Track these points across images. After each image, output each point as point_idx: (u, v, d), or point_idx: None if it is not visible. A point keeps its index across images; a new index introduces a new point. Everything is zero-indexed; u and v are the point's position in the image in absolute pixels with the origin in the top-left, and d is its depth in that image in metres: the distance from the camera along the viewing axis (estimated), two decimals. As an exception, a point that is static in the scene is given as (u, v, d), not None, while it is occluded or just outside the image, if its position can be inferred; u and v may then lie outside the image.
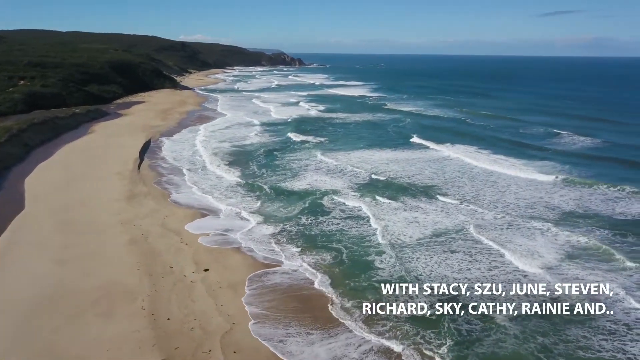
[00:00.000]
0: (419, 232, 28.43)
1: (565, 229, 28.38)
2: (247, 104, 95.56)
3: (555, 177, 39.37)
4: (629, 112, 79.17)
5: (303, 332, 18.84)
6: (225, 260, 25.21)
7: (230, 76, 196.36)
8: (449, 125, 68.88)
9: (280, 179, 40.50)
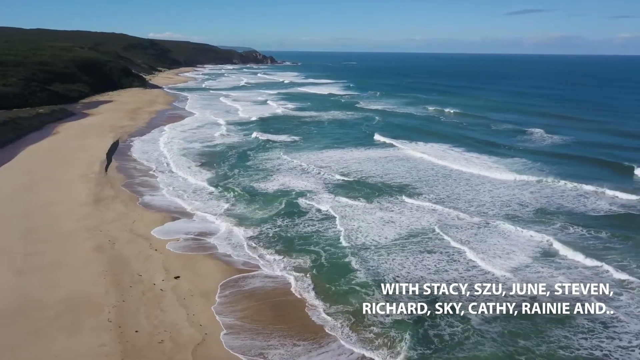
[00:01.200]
0: (395, 233, 28.11)
1: (539, 227, 28.48)
2: (218, 103, 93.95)
3: (527, 175, 39.69)
4: (597, 109, 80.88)
5: (288, 344, 17.98)
6: (197, 267, 24.31)
7: (201, 74, 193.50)
8: (422, 123, 69.12)
9: (252, 180, 39.68)
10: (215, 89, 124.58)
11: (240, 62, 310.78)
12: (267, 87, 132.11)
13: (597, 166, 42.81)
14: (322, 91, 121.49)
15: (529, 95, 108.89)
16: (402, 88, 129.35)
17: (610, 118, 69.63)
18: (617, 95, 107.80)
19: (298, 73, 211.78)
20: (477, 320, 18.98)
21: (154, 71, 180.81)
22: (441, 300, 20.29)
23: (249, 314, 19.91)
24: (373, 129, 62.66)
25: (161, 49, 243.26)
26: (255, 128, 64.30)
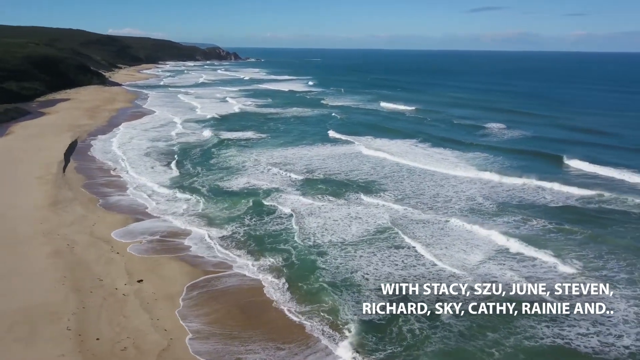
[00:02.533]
0: (362, 229, 28.15)
1: (503, 221, 29.05)
2: (179, 100, 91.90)
3: (489, 170, 40.45)
4: (552, 105, 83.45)
5: (270, 347, 17.50)
6: (162, 269, 23.67)
7: (163, 71, 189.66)
8: (386, 119, 69.65)
9: (217, 179, 39.04)
10: (177, 86, 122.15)
11: (204, 58, 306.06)
12: (231, 84, 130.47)
13: (555, 161, 43.76)
14: (286, 88, 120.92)
15: (489, 91, 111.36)
16: (366, 84, 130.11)
17: (563, 113, 71.29)
18: (571, 91, 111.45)
19: (262, 70, 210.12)
20: (446, 315, 19.15)
21: (113, 68, 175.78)
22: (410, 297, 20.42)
23: (217, 317, 19.46)
24: (338, 126, 62.62)
25: (121, 46, 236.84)
26: (218, 126, 63.39)
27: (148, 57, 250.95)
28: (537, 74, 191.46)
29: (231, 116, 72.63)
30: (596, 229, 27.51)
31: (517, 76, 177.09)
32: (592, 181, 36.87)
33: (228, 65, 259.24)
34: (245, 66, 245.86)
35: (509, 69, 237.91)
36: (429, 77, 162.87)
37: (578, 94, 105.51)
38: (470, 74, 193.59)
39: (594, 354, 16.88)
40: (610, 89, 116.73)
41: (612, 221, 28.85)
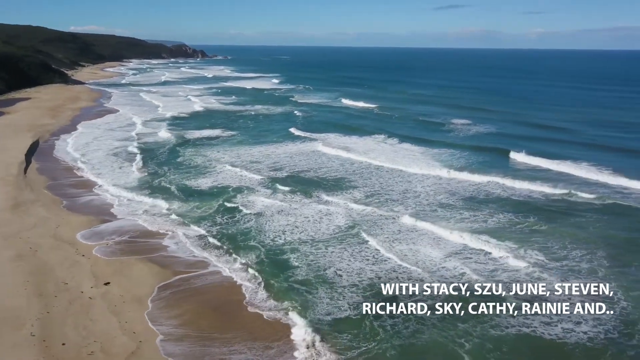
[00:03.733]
0: (332, 226, 28.29)
1: (472, 215, 29.68)
2: (144, 99, 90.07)
3: (456, 165, 41.34)
4: (517, 102, 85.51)
5: (257, 347, 17.37)
6: (130, 271, 23.23)
7: (128, 69, 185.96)
8: (355, 116, 70.10)
9: (185, 177, 38.56)
10: (141, 85, 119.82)
11: (170, 56, 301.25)
12: (197, 82, 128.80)
13: (514, 156, 43.81)
14: (254, 85, 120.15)
15: (453, 88, 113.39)
16: (334, 82, 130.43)
17: (525, 110, 72.78)
18: (532, 88, 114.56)
19: (229, 67, 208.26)
20: (422, 307, 19.43)
21: (76, 66, 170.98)
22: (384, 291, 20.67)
23: (189, 318, 19.22)
24: (306, 124, 62.67)
25: (84, 43, 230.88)
26: (184, 125, 62.61)
27: (112, 55, 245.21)
28: (500, 71, 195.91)
29: (197, 114, 71.83)
30: (558, 222, 28.41)
31: (480, 73, 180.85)
32: (550, 176, 37.95)
33: (195, 63, 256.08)
34: (213, 64, 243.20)
35: (472, 66, 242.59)
36: (395, 75, 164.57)
37: (539, 90, 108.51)
38: (436, 70, 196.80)
39: (557, 340, 17.49)
40: (570, 86, 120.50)
41: (572, 215, 29.83)
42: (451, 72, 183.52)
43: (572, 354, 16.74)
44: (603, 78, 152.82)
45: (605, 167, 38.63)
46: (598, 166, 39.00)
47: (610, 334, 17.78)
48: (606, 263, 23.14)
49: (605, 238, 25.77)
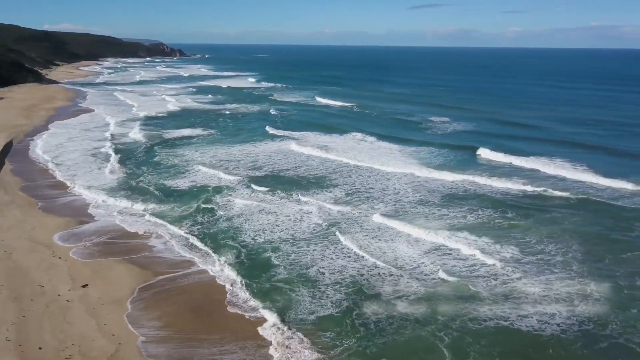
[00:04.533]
0: (313, 224, 28.37)
1: (451, 212, 30.05)
2: (120, 99, 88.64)
3: (434, 163, 41.83)
4: (494, 100, 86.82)
5: (226, 349, 17.26)
6: (108, 273, 22.93)
7: (103, 68, 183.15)
8: (335, 115, 70.28)
9: (163, 177, 38.20)
10: (117, 84, 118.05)
11: (147, 55, 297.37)
12: (175, 81, 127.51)
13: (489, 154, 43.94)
14: (232, 84, 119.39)
15: (431, 86, 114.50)
16: (313, 81, 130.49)
17: (501, 108, 73.85)
18: (508, 86, 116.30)
19: (207, 66, 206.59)
20: (402, 304, 19.77)
21: (51, 65, 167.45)
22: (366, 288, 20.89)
23: (169, 319, 19.08)
24: (285, 123, 62.63)
25: (58, 42, 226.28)
26: (169, 124, 61.98)
27: (88, 54, 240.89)
28: (477, 70, 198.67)
29: (173, 114, 71.12)
30: (534, 218, 28.96)
31: (458, 72, 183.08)
32: (526, 174, 38.65)
33: (172, 62, 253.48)
34: (190, 63, 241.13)
35: (450, 65, 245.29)
36: (373, 73, 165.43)
37: (517, 89, 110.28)
38: (414, 69, 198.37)
39: (533, 331, 17.88)
40: (546, 84, 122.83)
41: (547, 211, 30.43)
42: (428, 71, 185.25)
43: (547, 345, 17.13)
44: (577, 76, 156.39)
45: (580, 164, 39.52)
46: (572, 163, 39.88)
47: (584, 325, 18.25)
48: (580, 257, 23.71)
49: (580, 233, 26.38)
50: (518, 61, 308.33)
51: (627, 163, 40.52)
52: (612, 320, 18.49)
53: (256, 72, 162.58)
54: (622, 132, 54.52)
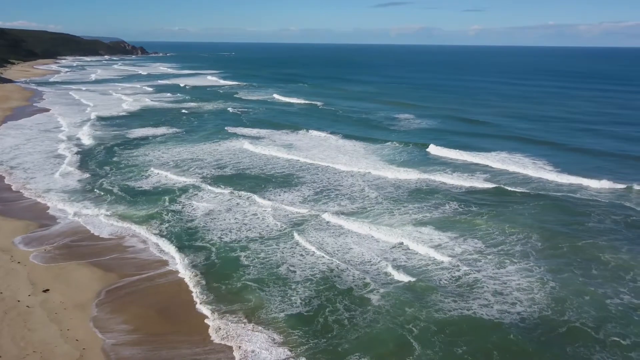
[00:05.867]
0: (280, 223, 28.37)
1: (416, 206, 30.62)
2: (76, 97, 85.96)
3: (398, 160, 42.50)
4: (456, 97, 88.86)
5: (193, 351, 17.06)
6: (71, 276, 22.35)
7: (61, 67, 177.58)
8: (300, 113, 70.38)
9: (126, 178, 37.49)
10: (74, 83, 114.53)
11: (107, 53, 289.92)
12: (133, 80, 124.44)
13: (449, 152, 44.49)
14: (197, 83, 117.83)
15: (397, 83, 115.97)
16: (279, 79, 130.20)
17: (463, 106, 74.95)
18: (470, 84, 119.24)
19: (170, 64, 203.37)
20: (375, 297, 20.10)
21: (5, 64, 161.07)
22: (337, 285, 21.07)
23: (135, 322, 18.77)
24: (250, 121, 62.34)
25: (13, 40, 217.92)
26: (123, 123, 60.80)
27: (45, 52, 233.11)
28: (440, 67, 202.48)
29: (135, 113, 69.61)
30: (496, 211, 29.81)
31: (422, 69, 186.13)
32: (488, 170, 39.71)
33: (132, 60, 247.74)
34: (152, 61, 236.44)
35: (414, 62, 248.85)
36: (340, 71, 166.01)
37: (477, 85, 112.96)
38: (379, 67, 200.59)
39: (494, 320, 18.49)
40: (504, 81, 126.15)
41: (508, 205, 31.36)
42: (393, 69, 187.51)
43: (508, 332, 17.73)
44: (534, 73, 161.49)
45: (539, 159, 40.81)
46: (532, 159, 41.18)
47: (544, 312, 18.96)
48: (540, 246, 24.61)
49: (538, 225, 27.28)
50: (479, 59, 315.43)
51: (579, 159, 41.81)
52: (569, 306, 19.29)
53: (220, 70, 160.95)
54: (574, 128, 56.29)
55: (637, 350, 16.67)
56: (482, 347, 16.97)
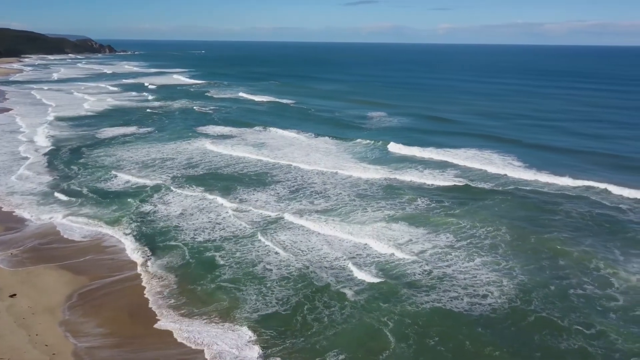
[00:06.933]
0: (254, 222, 28.33)
1: (389, 203, 30.98)
2: (38, 97, 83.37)
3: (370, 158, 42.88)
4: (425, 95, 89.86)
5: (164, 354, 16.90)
6: (39, 280, 21.85)
7: (25, 66, 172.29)
8: (271, 111, 70.23)
9: (94, 179, 36.79)
10: (38, 82, 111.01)
11: (74, 51, 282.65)
12: (103, 79, 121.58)
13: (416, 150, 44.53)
14: (165, 82, 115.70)
15: (368, 82, 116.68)
16: (251, 77, 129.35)
17: (431, 104, 75.41)
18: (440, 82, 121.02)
19: (140, 63, 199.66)
20: (351, 292, 20.31)
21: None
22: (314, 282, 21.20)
23: (106, 326, 18.51)
24: (221, 120, 61.92)
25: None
26: (88, 123, 59.56)
27: (8, 51, 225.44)
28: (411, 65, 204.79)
29: (102, 113, 68.04)
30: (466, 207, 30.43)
31: (392, 67, 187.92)
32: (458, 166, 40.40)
33: (99, 58, 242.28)
34: (119, 59, 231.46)
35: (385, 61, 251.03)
36: (312, 70, 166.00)
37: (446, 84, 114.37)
38: (350, 65, 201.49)
39: (464, 311, 18.98)
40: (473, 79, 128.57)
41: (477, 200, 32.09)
42: (365, 67, 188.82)
43: (477, 322, 18.26)
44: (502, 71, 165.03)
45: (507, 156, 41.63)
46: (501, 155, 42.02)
47: (513, 302, 19.52)
48: (509, 238, 25.27)
49: (507, 218, 28.00)
50: (449, 57, 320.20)
51: (546, 156, 42.57)
52: (536, 297, 19.92)
53: (190, 69, 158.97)
54: (541, 126, 57.42)
55: (600, 339, 17.35)
56: (454, 338, 17.40)
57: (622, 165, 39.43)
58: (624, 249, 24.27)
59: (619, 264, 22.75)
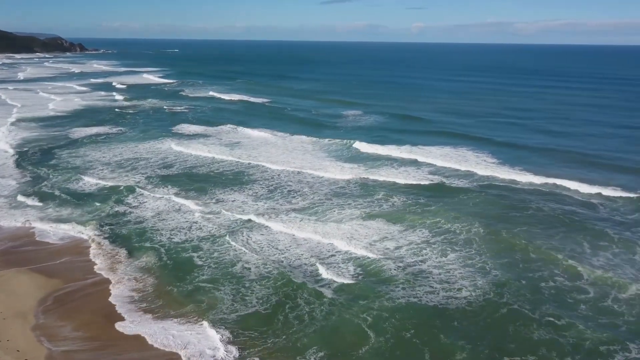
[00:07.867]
0: (230, 220, 28.26)
1: (366, 200, 31.28)
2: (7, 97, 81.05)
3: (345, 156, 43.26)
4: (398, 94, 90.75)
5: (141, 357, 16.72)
6: (9, 284, 21.36)
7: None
8: (246, 110, 70.06)
9: (66, 179, 35.97)
10: (4, 82, 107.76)
11: (44, 50, 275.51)
12: (71, 78, 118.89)
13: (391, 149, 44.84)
14: (137, 81, 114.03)
15: (344, 81, 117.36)
16: (225, 76, 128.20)
17: (405, 102, 76.34)
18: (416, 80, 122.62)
19: (111, 61, 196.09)
20: (329, 290, 20.53)
21: None
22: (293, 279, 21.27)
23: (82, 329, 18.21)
24: (195, 119, 61.44)
25: None
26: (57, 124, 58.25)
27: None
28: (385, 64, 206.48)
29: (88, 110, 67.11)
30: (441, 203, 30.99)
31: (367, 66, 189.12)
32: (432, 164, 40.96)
33: (70, 57, 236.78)
34: (90, 58, 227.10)
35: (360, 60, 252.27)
36: (286, 69, 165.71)
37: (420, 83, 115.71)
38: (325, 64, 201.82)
39: (439, 305, 19.39)
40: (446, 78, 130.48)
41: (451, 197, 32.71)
42: (340, 66, 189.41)
43: (453, 316, 18.70)
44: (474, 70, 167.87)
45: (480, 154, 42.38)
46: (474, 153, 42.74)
47: (486, 296, 19.99)
48: (482, 233, 25.81)
49: (480, 215, 28.57)
50: (422, 55, 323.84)
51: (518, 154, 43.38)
52: (508, 290, 20.45)
53: (163, 68, 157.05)
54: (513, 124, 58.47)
55: (570, 330, 17.90)
56: (430, 331, 17.78)
57: (590, 162, 40.53)
58: (592, 243, 25.06)
59: (587, 258, 23.52)
